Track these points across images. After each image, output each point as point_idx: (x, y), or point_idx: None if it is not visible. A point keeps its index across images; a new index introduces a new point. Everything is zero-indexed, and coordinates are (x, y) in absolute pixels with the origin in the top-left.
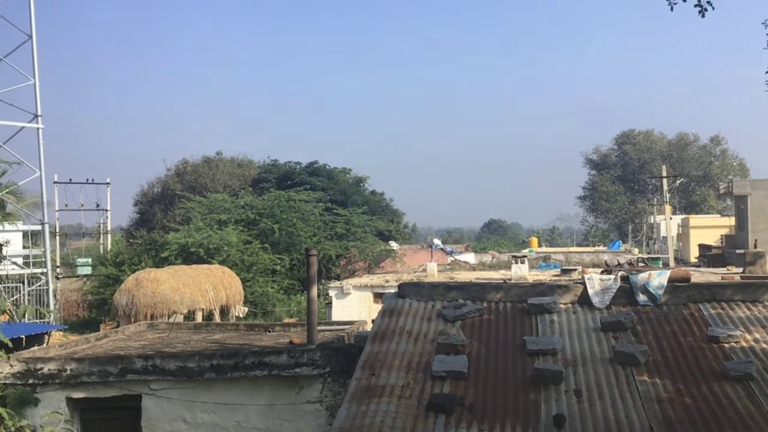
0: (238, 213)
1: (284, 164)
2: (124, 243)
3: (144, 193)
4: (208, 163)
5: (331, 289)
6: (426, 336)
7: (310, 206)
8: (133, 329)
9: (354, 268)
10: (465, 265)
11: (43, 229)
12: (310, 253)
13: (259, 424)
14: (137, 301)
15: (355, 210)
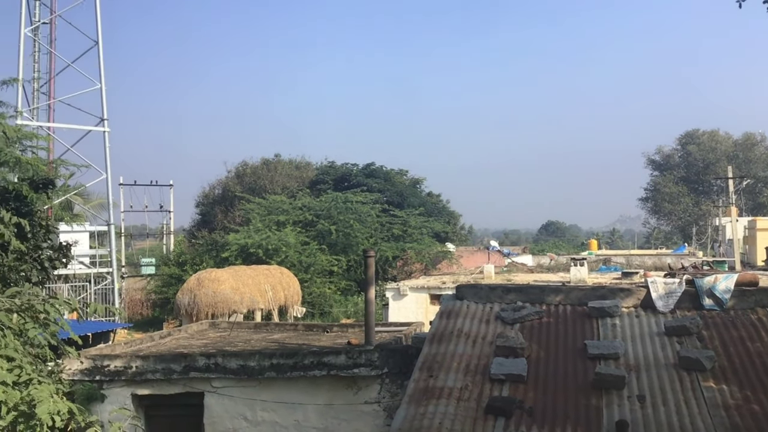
0: (296, 214)
1: (341, 166)
2: (186, 243)
3: (205, 194)
4: (267, 165)
5: (388, 291)
6: (484, 338)
7: (366, 208)
8: (195, 328)
9: (410, 269)
10: (522, 268)
11: (109, 229)
12: (368, 255)
13: (317, 423)
14: (199, 300)
15: (411, 211)
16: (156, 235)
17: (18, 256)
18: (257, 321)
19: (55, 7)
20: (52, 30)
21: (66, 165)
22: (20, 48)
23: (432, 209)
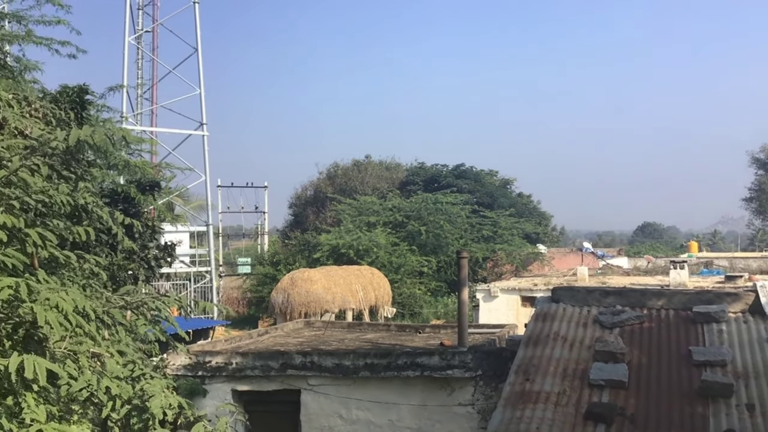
0: (386, 215)
1: (431, 167)
2: (280, 244)
3: (298, 196)
4: (358, 166)
5: (478, 292)
6: (582, 342)
7: (456, 208)
8: (291, 326)
9: (501, 270)
10: (618, 270)
11: (207, 230)
12: (461, 256)
13: (411, 423)
14: (292, 299)
15: (502, 212)
16: (251, 236)
17: (127, 255)
18: (349, 321)
19: (157, 15)
20: (155, 38)
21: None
22: (125, 56)
23: (522, 210)
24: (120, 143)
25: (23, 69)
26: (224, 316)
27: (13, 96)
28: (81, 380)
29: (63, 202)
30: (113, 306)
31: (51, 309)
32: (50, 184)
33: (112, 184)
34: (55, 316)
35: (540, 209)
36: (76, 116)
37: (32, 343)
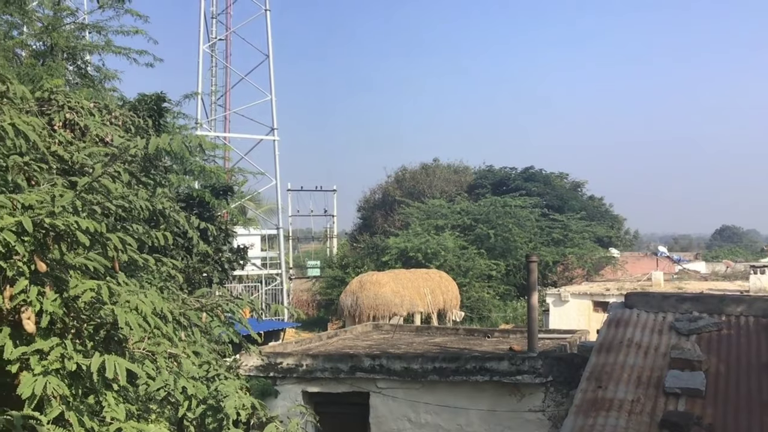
0: (454, 218)
1: (499, 170)
2: (348, 247)
3: (366, 199)
4: (426, 169)
5: (549, 296)
6: (657, 349)
7: (526, 212)
8: (360, 329)
9: (572, 275)
10: (694, 275)
11: (278, 233)
12: (531, 260)
13: (480, 428)
14: (361, 302)
15: (572, 215)
16: (320, 239)
17: (201, 258)
18: (417, 324)
19: (230, 24)
20: (228, 46)
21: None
22: (199, 63)
23: (594, 213)
24: (196, 150)
25: (103, 78)
26: (294, 318)
27: (95, 105)
28: (159, 380)
29: (142, 207)
30: (189, 308)
31: (131, 311)
32: (130, 190)
33: (188, 189)
34: (135, 318)
35: (612, 212)
36: (153, 123)
37: (113, 343)
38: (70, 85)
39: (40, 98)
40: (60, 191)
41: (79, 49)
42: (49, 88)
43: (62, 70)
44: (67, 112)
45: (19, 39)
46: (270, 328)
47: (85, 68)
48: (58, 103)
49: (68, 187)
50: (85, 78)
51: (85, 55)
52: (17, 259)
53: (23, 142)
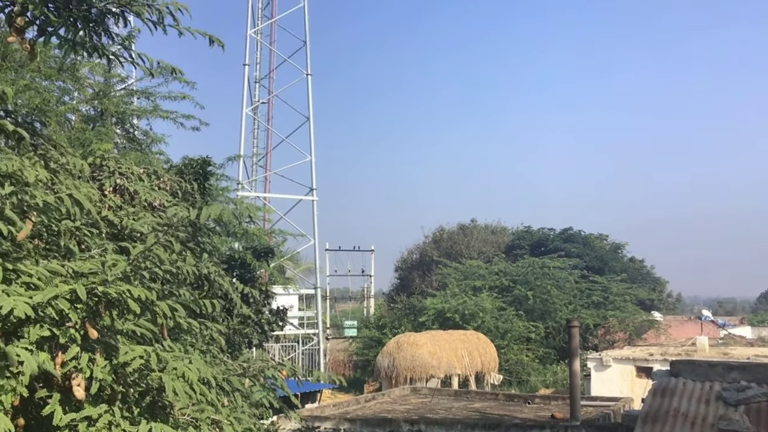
0: (492, 279)
1: (537, 231)
2: (385, 307)
3: (404, 259)
4: (463, 230)
5: (590, 361)
6: (704, 420)
7: (565, 273)
8: (398, 393)
9: (613, 338)
10: (740, 341)
11: (316, 293)
12: (572, 325)
13: None
14: (398, 363)
15: (613, 277)
16: (357, 298)
17: (242, 320)
18: (455, 387)
19: (272, 88)
20: (269, 109)
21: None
22: (242, 126)
23: (635, 275)
24: (245, 219)
25: (150, 141)
26: (336, 384)
27: (144, 170)
28: None
29: (189, 272)
30: (233, 373)
31: (178, 378)
32: (178, 256)
33: (230, 250)
34: (182, 386)
35: (654, 274)
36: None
37: (158, 409)
38: (118, 148)
39: (92, 164)
40: (112, 259)
41: (128, 114)
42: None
43: (111, 135)
44: (117, 177)
45: (71, 104)
46: (307, 390)
47: (133, 132)
48: (109, 169)
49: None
50: (133, 142)
51: (134, 119)
52: (70, 326)
53: (78, 210)
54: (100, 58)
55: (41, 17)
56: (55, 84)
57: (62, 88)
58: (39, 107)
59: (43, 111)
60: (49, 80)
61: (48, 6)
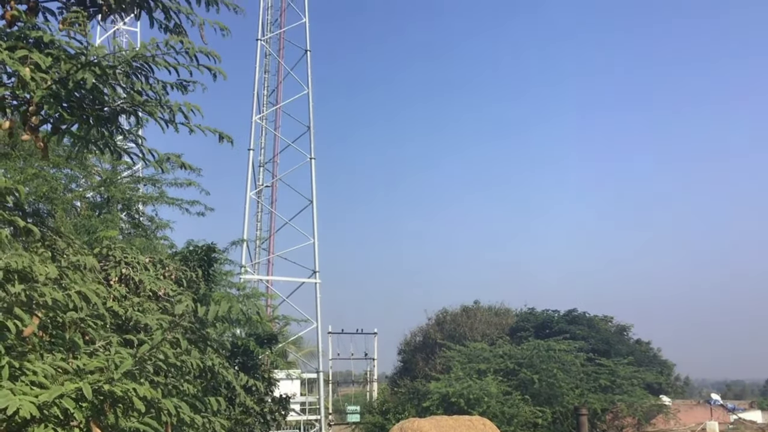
0: (496, 362)
1: (541, 312)
2: (389, 391)
3: (407, 342)
4: (467, 312)
5: None
6: None
7: (570, 356)
8: None
9: (621, 423)
10: (751, 426)
11: (318, 377)
12: (580, 413)
13: None
14: None
15: (619, 360)
16: (360, 382)
17: (244, 410)
18: None
19: (276, 171)
20: (273, 192)
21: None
22: (246, 209)
23: (642, 358)
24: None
25: (156, 227)
26: None
27: (150, 259)
28: None
29: (193, 365)
30: None
31: None
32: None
33: (233, 337)
34: None
35: (661, 357)
36: (203, 273)
37: None
38: (124, 234)
39: (98, 254)
40: (118, 357)
41: (134, 201)
42: (108, 244)
43: (117, 221)
44: (123, 267)
45: (78, 192)
46: None
47: (138, 218)
48: (115, 258)
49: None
50: (139, 228)
51: (140, 205)
52: (74, 425)
53: (84, 304)
54: (112, 154)
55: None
56: (62, 171)
57: (70, 176)
58: (46, 195)
59: (51, 199)
60: (57, 168)
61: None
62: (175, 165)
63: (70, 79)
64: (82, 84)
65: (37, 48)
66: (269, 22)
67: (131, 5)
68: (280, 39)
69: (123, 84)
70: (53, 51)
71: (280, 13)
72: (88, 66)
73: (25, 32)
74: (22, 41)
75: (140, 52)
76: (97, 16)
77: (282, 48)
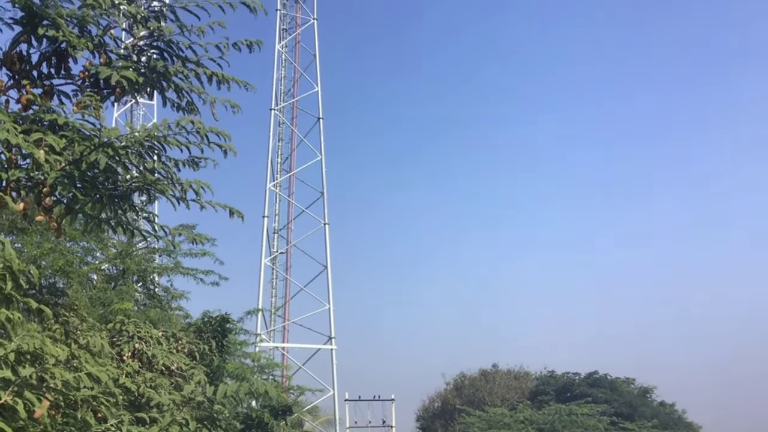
0: (517, 428)
1: (562, 375)
2: None
3: (425, 408)
4: (485, 376)
5: None
6: None
7: (593, 420)
8: None
9: None
10: None
11: None
12: None
13: None
14: None
15: (643, 424)
16: None
17: None
18: None
19: (291, 237)
20: (288, 258)
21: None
22: (260, 277)
23: (667, 421)
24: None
25: (171, 298)
26: None
27: (163, 333)
28: None
29: None
30: None
31: None
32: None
33: (247, 409)
34: None
35: (686, 419)
36: (217, 345)
37: None
38: (139, 305)
39: (112, 329)
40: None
41: (149, 272)
42: (121, 318)
43: (132, 293)
44: (136, 342)
45: (94, 264)
46: None
47: (153, 289)
48: (129, 333)
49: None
50: (154, 299)
51: (155, 276)
52: None
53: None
54: (125, 232)
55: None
56: (79, 244)
57: (86, 248)
58: (62, 269)
59: (66, 273)
60: (74, 241)
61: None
62: (191, 234)
63: (84, 161)
64: (96, 164)
65: (52, 130)
66: (282, 92)
67: (144, 87)
68: (293, 108)
69: (135, 163)
70: (67, 133)
71: (293, 83)
72: (101, 147)
73: (40, 115)
74: (37, 124)
75: (152, 132)
76: (111, 97)
77: (295, 117)
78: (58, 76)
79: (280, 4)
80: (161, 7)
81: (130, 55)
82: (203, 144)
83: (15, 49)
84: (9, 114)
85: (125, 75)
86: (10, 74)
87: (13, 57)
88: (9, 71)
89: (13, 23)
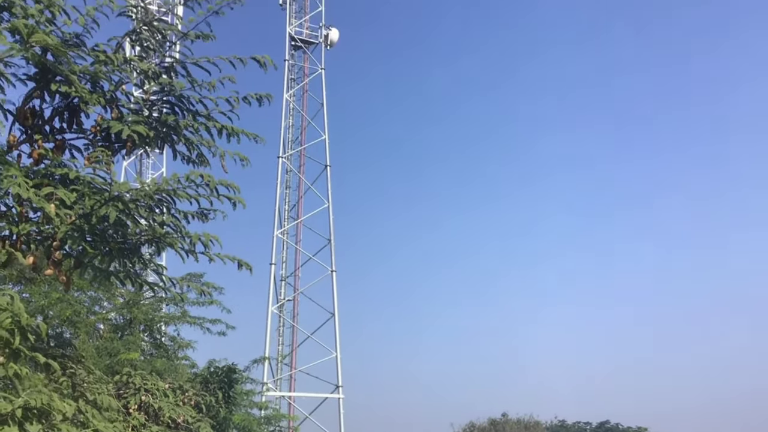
0: None
1: (573, 425)
2: None
3: None
4: (495, 425)
5: None
6: None
7: None
8: None
9: None
10: None
11: None
12: None
13: None
14: None
15: None
16: None
17: None
18: None
19: (298, 285)
20: (295, 306)
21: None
22: (267, 324)
23: None
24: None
25: (177, 347)
26: None
27: (169, 385)
28: None
29: None
30: None
31: None
32: None
33: None
34: None
35: None
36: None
37: None
38: (145, 355)
39: (118, 381)
40: None
41: (156, 321)
42: (128, 371)
43: (139, 343)
44: (143, 394)
45: (101, 314)
46: None
47: (160, 339)
48: (135, 386)
49: None
50: (160, 348)
51: (162, 325)
52: None
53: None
54: (133, 285)
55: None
56: (86, 294)
57: (93, 298)
58: (70, 318)
59: (74, 323)
60: (81, 291)
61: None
62: (198, 282)
63: (94, 214)
64: (106, 218)
65: (63, 184)
66: (290, 139)
67: (155, 140)
68: (300, 155)
69: (145, 216)
70: (78, 187)
71: (301, 131)
72: (111, 201)
73: (51, 170)
74: (48, 178)
75: (162, 186)
76: (122, 151)
77: (302, 164)
78: (70, 131)
79: (288, 55)
80: (173, 63)
81: (141, 110)
82: (212, 196)
83: (28, 105)
84: (21, 168)
85: (136, 129)
86: (23, 129)
87: (26, 112)
88: (22, 126)
89: (27, 79)
